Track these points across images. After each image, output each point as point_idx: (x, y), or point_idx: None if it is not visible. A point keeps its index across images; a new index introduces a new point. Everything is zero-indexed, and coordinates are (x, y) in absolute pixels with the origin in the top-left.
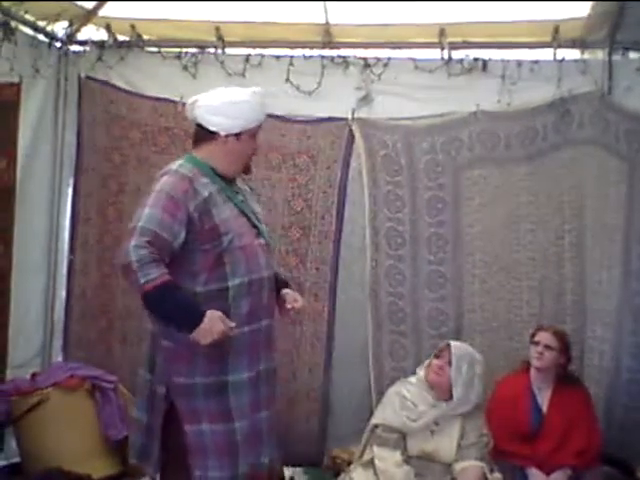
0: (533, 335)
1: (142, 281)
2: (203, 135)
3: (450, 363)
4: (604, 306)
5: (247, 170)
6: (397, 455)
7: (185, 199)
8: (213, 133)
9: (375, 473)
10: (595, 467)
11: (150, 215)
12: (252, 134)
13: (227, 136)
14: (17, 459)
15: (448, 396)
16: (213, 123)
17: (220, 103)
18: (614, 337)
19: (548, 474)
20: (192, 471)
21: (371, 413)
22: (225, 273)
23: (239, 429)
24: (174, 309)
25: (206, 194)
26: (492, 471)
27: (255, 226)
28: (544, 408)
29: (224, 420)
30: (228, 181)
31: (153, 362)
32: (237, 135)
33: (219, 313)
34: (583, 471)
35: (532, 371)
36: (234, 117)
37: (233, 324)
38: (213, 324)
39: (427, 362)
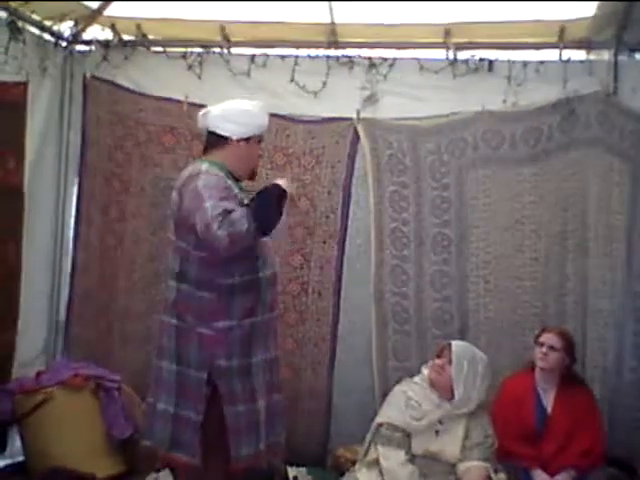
0: (538, 336)
1: (245, 227)
2: (215, 141)
3: (451, 362)
4: (606, 307)
5: (253, 176)
6: (401, 454)
7: (230, 189)
8: (225, 138)
9: (380, 472)
10: (599, 468)
11: (212, 205)
12: (258, 140)
13: (239, 141)
14: (21, 458)
15: (450, 395)
16: (226, 129)
17: (232, 111)
18: (616, 338)
19: (552, 475)
20: (229, 451)
21: (375, 412)
22: (257, 265)
23: (261, 409)
24: (271, 206)
25: (236, 191)
26: (496, 472)
27: None
28: (549, 409)
29: (251, 400)
30: (241, 186)
31: (182, 353)
32: (247, 140)
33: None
34: (587, 472)
35: (537, 372)
36: (245, 124)
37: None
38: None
39: (431, 362)
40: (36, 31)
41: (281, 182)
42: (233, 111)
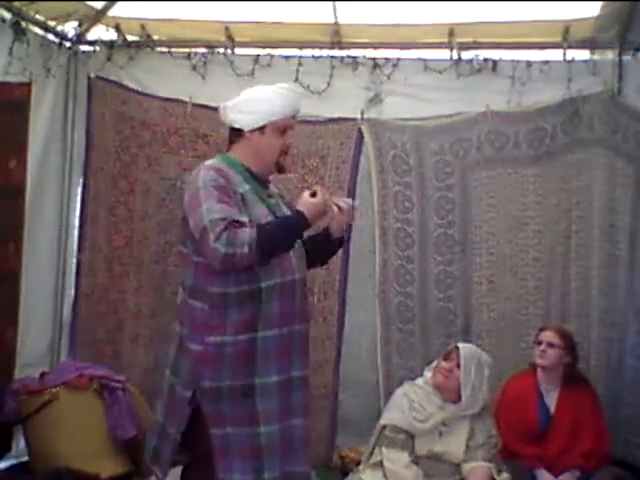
0: (536, 335)
1: (246, 252)
2: (232, 136)
3: (459, 366)
4: (609, 307)
5: (280, 169)
6: (406, 456)
7: (230, 186)
8: (239, 131)
9: (384, 474)
10: (603, 468)
11: (209, 209)
12: (279, 129)
13: (251, 131)
14: (26, 458)
15: (456, 398)
16: (237, 121)
17: (241, 100)
18: (619, 337)
19: (557, 475)
20: (216, 473)
21: (379, 412)
22: (257, 274)
23: (264, 434)
24: (284, 238)
25: (241, 190)
26: (500, 472)
27: None
28: (552, 409)
29: (249, 424)
30: (262, 183)
31: (178, 365)
32: (261, 129)
33: (304, 198)
34: (592, 472)
35: (539, 371)
36: (254, 112)
37: (318, 187)
38: (312, 206)
39: (435, 364)
40: (40, 32)
41: (309, 203)
42: (244, 99)
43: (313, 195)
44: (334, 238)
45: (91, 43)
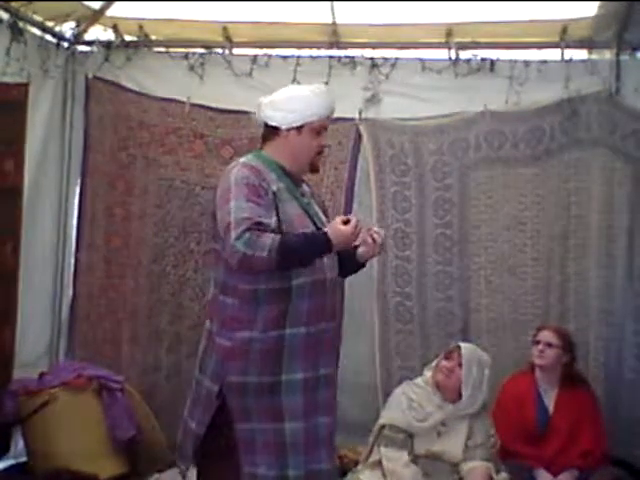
0: (535, 335)
1: (265, 256)
2: (267, 133)
3: (460, 365)
4: (608, 306)
5: (314, 169)
6: (405, 455)
7: (263, 184)
8: (276, 129)
9: (383, 474)
10: (602, 468)
11: (237, 206)
12: (315, 129)
13: (288, 130)
14: (24, 459)
15: (455, 397)
16: (274, 118)
17: (279, 98)
18: (617, 337)
19: (555, 475)
20: (241, 467)
21: (378, 412)
22: (289, 271)
23: (289, 430)
24: (304, 253)
25: (274, 188)
26: (498, 472)
27: (319, 229)
28: (550, 408)
29: (274, 419)
30: (295, 181)
31: (206, 360)
32: (298, 129)
33: (334, 223)
34: (590, 472)
35: (537, 371)
36: (293, 110)
37: (353, 218)
38: (340, 234)
39: (435, 363)
40: (38, 32)
41: (338, 229)
42: (281, 97)
43: (345, 223)
44: (359, 262)
45: (89, 43)
